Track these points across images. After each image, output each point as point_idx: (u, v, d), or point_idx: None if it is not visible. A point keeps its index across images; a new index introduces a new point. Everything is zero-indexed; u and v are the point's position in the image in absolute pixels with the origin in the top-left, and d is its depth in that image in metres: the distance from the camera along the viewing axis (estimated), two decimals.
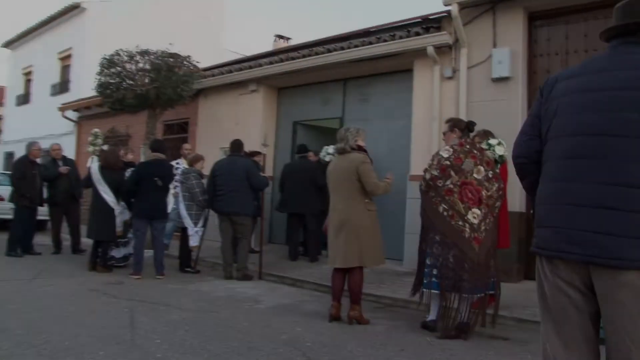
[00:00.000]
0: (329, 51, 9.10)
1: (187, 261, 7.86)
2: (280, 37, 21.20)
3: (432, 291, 4.87)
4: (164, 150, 7.59)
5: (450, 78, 8.00)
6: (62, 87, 18.41)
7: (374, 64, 8.90)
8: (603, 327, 2.00)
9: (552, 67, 7.33)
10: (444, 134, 5.28)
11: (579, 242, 1.94)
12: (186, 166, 8.50)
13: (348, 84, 9.87)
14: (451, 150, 4.89)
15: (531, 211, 2.45)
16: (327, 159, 8.64)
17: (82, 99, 15.40)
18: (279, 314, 5.39)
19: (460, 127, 5.15)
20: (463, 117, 7.65)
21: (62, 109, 16.40)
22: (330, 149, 8.60)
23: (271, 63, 10.09)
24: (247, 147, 8.44)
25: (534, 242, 2.19)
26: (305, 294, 6.66)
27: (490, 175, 4.85)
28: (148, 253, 7.56)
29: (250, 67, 10.51)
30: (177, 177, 7.91)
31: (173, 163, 8.53)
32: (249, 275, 7.45)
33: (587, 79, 2.09)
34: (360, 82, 9.67)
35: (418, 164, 8.08)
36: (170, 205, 7.82)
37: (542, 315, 2.18)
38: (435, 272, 4.83)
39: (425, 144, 8.08)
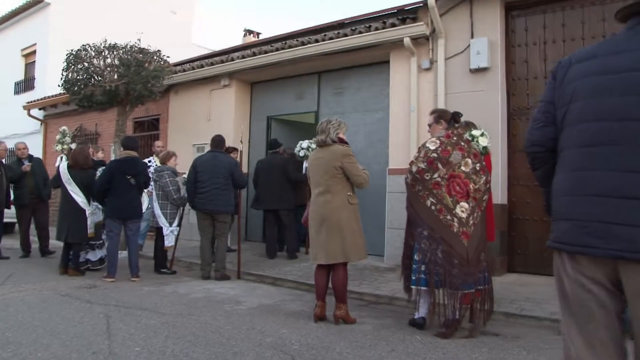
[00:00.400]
0: (303, 44, 8.92)
1: (162, 262, 7.62)
2: (250, 32, 20.85)
3: (421, 288, 4.74)
4: (137, 148, 7.34)
5: (427, 69, 7.89)
6: (26, 84, 17.81)
7: (349, 57, 8.75)
8: (629, 325, 1.87)
9: (530, 57, 7.31)
10: (430, 125, 5.15)
11: (604, 235, 1.81)
12: (158, 164, 8.24)
13: (323, 77, 9.71)
14: (438, 142, 4.77)
15: (545, 204, 2.31)
16: (301, 153, 8.48)
17: (48, 97, 14.92)
18: (261, 315, 5.21)
19: (446, 118, 5.03)
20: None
21: (27, 107, 15.83)
22: (305, 143, 8.44)
23: (244, 57, 9.86)
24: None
25: (552, 237, 2.05)
26: (285, 293, 6.49)
27: (477, 168, 4.74)
28: (122, 254, 7.31)
29: (222, 62, 10.25)
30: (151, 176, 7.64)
31: (145, 161, 8.24)
32: (227, 275, 7.26)
33: (605, 61, 1.95)
34: (335, 75, 9.52)
35: (397, 157, 8.02)
36: (145, 204, 7.54)
37: (564, 315, 2.04)
38: (423, 267, 4.71)
39: (404, 137, 7.97)
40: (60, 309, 5.14)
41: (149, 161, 8.62)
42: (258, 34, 20.71)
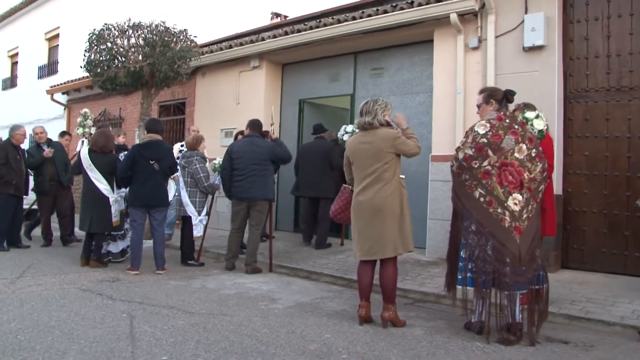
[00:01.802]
0: (339, 22, 8.33)
1: (190, 253, 7.16)
2: (277, 15, 20.26)
3: (468, 288, 4.24)
4: (161, 131, 6.83)
5: (475, 48, 7.28)
6: (49, 69, 17.51)
7: (388, 35, 8.17)
8: None
9: (591, 34, 6.66)
10: (478, 106, 4.58)
11: None
12: None
13: (359, 57, 9.13)
14: (488, 125, 4.21)
15: None
16: (345, 138, 8.00)
17: (71, 81, 14.58)
18: (300, 315, 4.71)
19: (497, 98, 4.44)
20: None
21: (51, 92, 15.54)
22: (350, 127, 8.01)
23: (275, 36, 9.31)
24: None
25: None
26: (323, 288, 5.99)
27: (533, 154, 4.16)
28: (146, 244, 6.86)
29: (252, 42, 9.71)
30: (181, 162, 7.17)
31: (177, 145, 7.80)
32: (259, 269, 6.79)
33: None
34: (373, 55, 8.93)
35: (440, 143, 7.48)
36: (172, 192, 7.05)
37: None
38: (471, 266, 4.20)
39: (448, 121, 7.40)
40: (80, 306, 4.69)
41: (182, 146, 8.13)
42: (285, 17, 20.12)
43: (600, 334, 4.38)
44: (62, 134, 9.21)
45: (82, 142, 8.82)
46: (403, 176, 4.55)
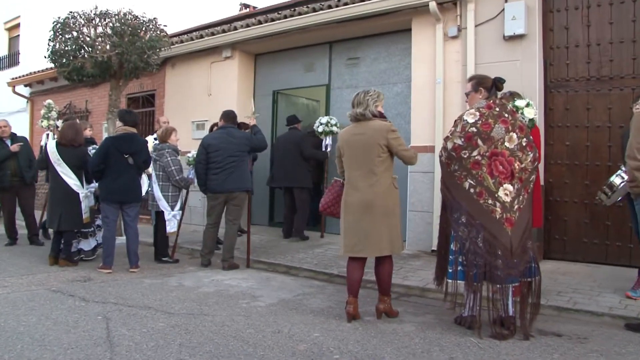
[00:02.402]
0: (314, 10, 8.12)
1: (164, 249, 6.89)
2: (246, 6, 19.87)
3: (459, 282, 4.12)
4: (136, 123, 6.51)
5: (455, 37, 7.17)
6: (10, 60, 16.83)
7: (365, 24, 7.98)
8: None
9: (571, 24, 6.60)
10: (467, 94, 4.46)
11: None
12: None
13: (335, 47, 8.93)
14: (477, 114, 4.08)
15: None
16: (320, 129, 7.92)
17: (34, 73, 14.00)
18: (284, 313, 4.52)
19: (487, 86, 4.31)
20: None
21: (12, 84, 14.92)
22: (325, 119, 7.96)
23: (248, 26, 9.04)
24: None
25: None
26: (303, 284, 5.81)
27: (524, 144, 4.05)
28: (118, 241, 6.56)
29: (224, 31, 9.42)
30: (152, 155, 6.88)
31: (151, 138, 7.50)
32: (236, 264, 6.59)
33: None
34: (348, 45, 8.75)
35: (419, 133, 7.38)
36: (145, 187, 6.76)
37: None
38: (461, 259, 4.07)
39: (427, 112, 7.28)
40: (51, 309, 4.41)
41: (155, 139, 7.81)
42: (254, 8, 19.74)
43: (591, 325, 4.32)
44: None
45: (47, 135, 8.40)
46: (396, 176, 4.45)
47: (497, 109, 4.10)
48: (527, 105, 4.60)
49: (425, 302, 5.11)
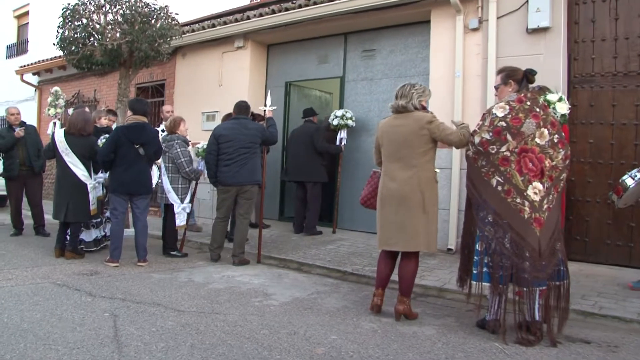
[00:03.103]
0: (330, 0, 7.88)
1: (172, 243, 6.71)
2: None
3: (483, 284, 3.93)
4: (146, 112, 6.31)
5: (475, 30, 6.91)
6: (19, 48, 16.69)
7: (381, 15, 7.74)
8: None
9: (597, 17, 6.33)
10: (496, 88, 4.26)
11: None
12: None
13: (350, 38, 8.69)
14: (507, 107, 3.88)
15: None
16: (335, 122, 7.72)
17: (43, 61, 13.84)
18: (298, 313, 4.34)
19: (517, 78, 4.11)
20: (492, 75, 6.66)
21: (20, 72, 14.75)
22: (340, 112, 7.76)
23: (261, 15, 8.82)
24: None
25: None
26: (317, 282, 5.62)
27: (555, 140, 3.84)
28: (126, 233, 6.40)
29: (237, 21, 9.20)
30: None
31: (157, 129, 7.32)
32: (247, 260, 6.41)
33: None
34: (364, 36, 8.50)
35: None
36: (155, 178, 6.57)
37: None
38: (487, 260, 3.88)
39: (446, 106, 7.03)
40: (56, 305, 4.23)
41: (162, 130, 7.65)
42: None
43: (620, 332, 4.11)
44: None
45: (54, 123, 8.23)
46: (438, 170, 4.35)
47: (529, 103, 3.90)
48: (560, 99, 4.37)
49: (444, 303, 4.93)
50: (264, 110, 6.79)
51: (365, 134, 8.28)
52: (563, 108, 4.45)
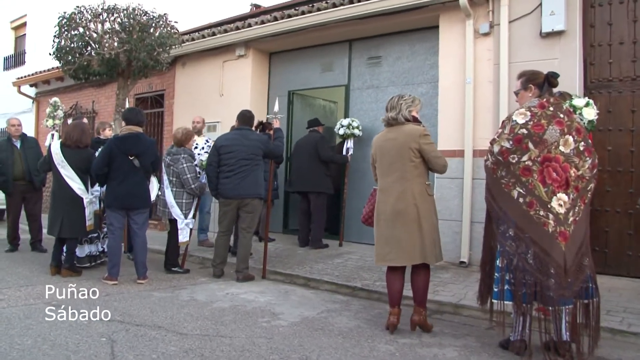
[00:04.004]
0: (335, 6, 7.66)
1: (174, 259, 6.42)
2: (257, 6, 19.42)
3: (506, 302, 3.66)
4: (142, 122, 6.04)
5: (486, 34, 6.69)
6: (16, 59, 16.50)
7: (388, 21, 7.53)
8: None
9: (615, 19, 6.11)
10: (516, 93, 4.02)
11: None
12: (201, 143, 7.45)
13: (355, 45, 8.46)
14: (529, 113, 3.63)
15: None
16: (341, 132, 7.50)
17: (40, 72, 13.62)
18: (309, 335, 4.05)
19: (538, 82, 3.87)
20: (504, 81, 6.45)
21: (17, 83, 14.53)
22: (346, 121, 7.55)
23: (263, 22, 8.60)
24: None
25: None
26: (326, 299, 5.35)
27: (581, 148, 3.58)
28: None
29: (238, 28, 8.98)
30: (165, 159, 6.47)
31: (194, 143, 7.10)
32: (251, 275, 6.14)
33: None
34: (369, 43, 8.29)
35: (447, 137, 6.91)
36: (155, 191, 6.26)
37: None
38: (509, 277, 3.62)
39: (456, 114, 6.82)
40: (49, 328, 3.93)
41: (195, 146, 7.34)
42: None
43: None
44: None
45: (52, 135, 7.96)
46: (429, 182, 4.27)
47: (551, 109, 3.64)
48: (587, 104, 4.14)
49: (461, 320, 4.68)
50: (273, 120, 6.54)
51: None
52: (591, 114, 4.22)
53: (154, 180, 6.08)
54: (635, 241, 5.91)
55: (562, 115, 3.63)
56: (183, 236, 6.24)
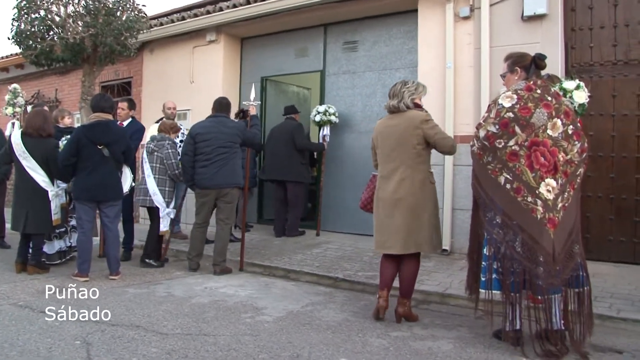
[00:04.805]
0: None
1: (151, 251, 6.15)
2: None
3: (493, 292, 3.58)
4: (111, 108, 5.67)
5: (467, 18, 6.58)
6: None
7: (364, 4, 7.38)
8: None
9: (596, 3, 6.05)
10: (502, 76, 3.92)
11: None
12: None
13: (330, 29, 8.24)
14: (515, 97, 3.51)
15: None
16: (317, 118, 7.32)
17: None
18: (297, 330, 3.86)
19: (524, 65, 3.76)
20: (485, 65, 6.34)
21: None
22: (322, 107, 7.37)
23: (235, 6, 8.29)
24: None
25: None
26: (308, 291, 5.18)
27: (569, 132, 3.48)
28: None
29: (209, 13, 8.65)
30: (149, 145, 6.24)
31: (157, 126, 6.90)
32: (229, 268, 5.93)
33: None
34: (345, 27, 8.08)
35: None
36: (128, 182, 5.90)
37: None
38: (496, 265, 3.53)
39: (436, 100, 6.63)
40: (17, 332, 3.63)
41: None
42: None
43: None
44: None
45: (13, 124, 7.54)
46: (432, 171, 4.22)
47: (539, 91, 3.53)
48: (577, 87, 4.04)
49: (449, 310, 4.59)
50: (248, 107, 6.31)
51: (349, 130, 7.86)
52: (581, 97, 4.13)
53: (127, 171, 5.76)
54: (617, 226, 5.89)
55: (549, 98, 3.51)
56: (164, 225, 6.01)
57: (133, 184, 5.93)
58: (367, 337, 3.72)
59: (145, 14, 8.35)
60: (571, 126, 3.50)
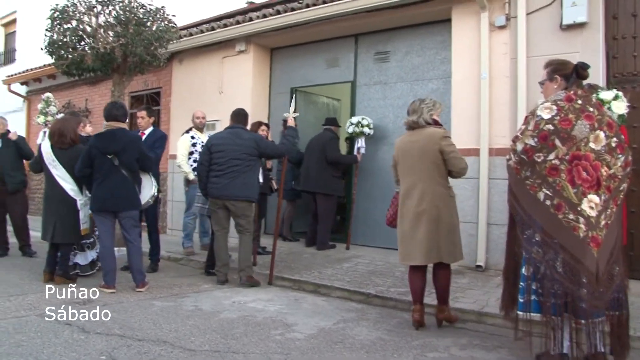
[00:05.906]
0: None
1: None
2: (251, 2, 19.03)
3: (532, 314, 3.35)
4: (121, 116, 5.53)
5: (502, 27, 6.38)
6: (6, 57, 16.06)
7: (396, 14, 7.21)
8: None
9: (639, 10, 5.79)
10: (541, 84, 3.71)
11: None
12: (203, 140, 7.10)
13: (361, 39, 8.12)
14: (555, 108, 3.31)
15: None
16: (350, 130, 7.21)
17: (31, 70, 13.19)
18: (329, 348, 3.70)
19: (565, 73, 3.54)
20: (522, 76, 6.14)
21: (8, 82, 14.10)
22: (355, 119, 7.27)
23: (265, 16, 8.24)
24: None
25: None
26: (340, 307, 5.01)
27: (613, 145, 3.26)
28: (121, 252, 5.80)
29: (238, 23, 8.61)
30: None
31: (187, 137, 6.98)
32: (257, 281, 5.79)
33: None
34: (377, 38, 7.94)
35: (461, 134, 6.57)
36: (149, 191, 5.72)
37: None
38: (535, 286, 3.32)
39: (471, 111, 6.52)
40: (42, 345, 3.54)
41: (192, 137, 7.42)
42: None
43: None
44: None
45: (44, 132, 7.55)
46: (450, 185, 4.34)
47: (580, 102, 3.32)
48: (616, 97, 3.81)
49: (487, 330, 4.36)
50: (287, 118, 6.27)
51: (380, 142, 7.70)
52: (620, 107, 3.89)
53: (148, 180, 5.65)
54: None
55: (591, 109, 3.30)
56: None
57: (156, 194, 5.82)
58: (402, 357, 3.54)
59: (175, 24, 8.33)
60: (614, 138, 3.29)
